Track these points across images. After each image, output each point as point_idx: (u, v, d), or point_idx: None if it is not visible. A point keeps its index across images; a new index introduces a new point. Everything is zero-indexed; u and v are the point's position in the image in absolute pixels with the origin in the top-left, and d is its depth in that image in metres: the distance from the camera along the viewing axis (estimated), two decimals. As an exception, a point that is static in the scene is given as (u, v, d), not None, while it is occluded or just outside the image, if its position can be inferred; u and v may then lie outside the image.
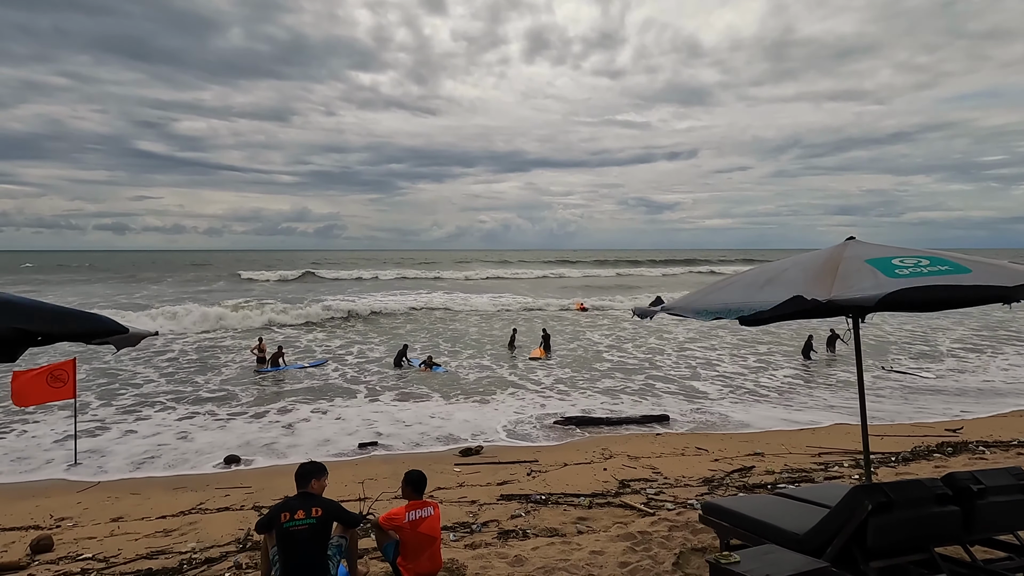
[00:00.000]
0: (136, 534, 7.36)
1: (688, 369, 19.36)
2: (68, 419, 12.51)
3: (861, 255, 4.09)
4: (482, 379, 18.00)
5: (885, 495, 3.98)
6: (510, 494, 8.29)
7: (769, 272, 4.55)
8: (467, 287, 59.31)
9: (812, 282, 3.93)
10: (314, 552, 4.40)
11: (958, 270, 3.71)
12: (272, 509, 4.57)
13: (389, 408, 14.77)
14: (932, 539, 4.22)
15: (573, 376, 18.34)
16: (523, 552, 5.87)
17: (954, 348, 22.99)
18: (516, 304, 40.29)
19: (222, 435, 12.64)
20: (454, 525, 7.03)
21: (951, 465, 8.91)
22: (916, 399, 15.05)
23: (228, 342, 25.08)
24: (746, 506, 5.08)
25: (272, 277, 72.00)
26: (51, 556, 6.71)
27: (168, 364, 20.35)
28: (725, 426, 12.88)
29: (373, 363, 20.63)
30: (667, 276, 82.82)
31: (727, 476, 8.93)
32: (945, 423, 12.37)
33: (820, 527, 4.25)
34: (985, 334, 26.31)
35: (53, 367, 11.27)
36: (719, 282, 5.14)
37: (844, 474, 8.79)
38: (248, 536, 6.81)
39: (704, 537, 5.92)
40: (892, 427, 12.07)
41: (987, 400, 14.82)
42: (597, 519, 7.14)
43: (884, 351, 21.98)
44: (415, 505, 4.78)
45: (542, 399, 15.50)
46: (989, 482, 4.28)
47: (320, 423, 13.46)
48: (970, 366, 19.61)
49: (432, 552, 4.78)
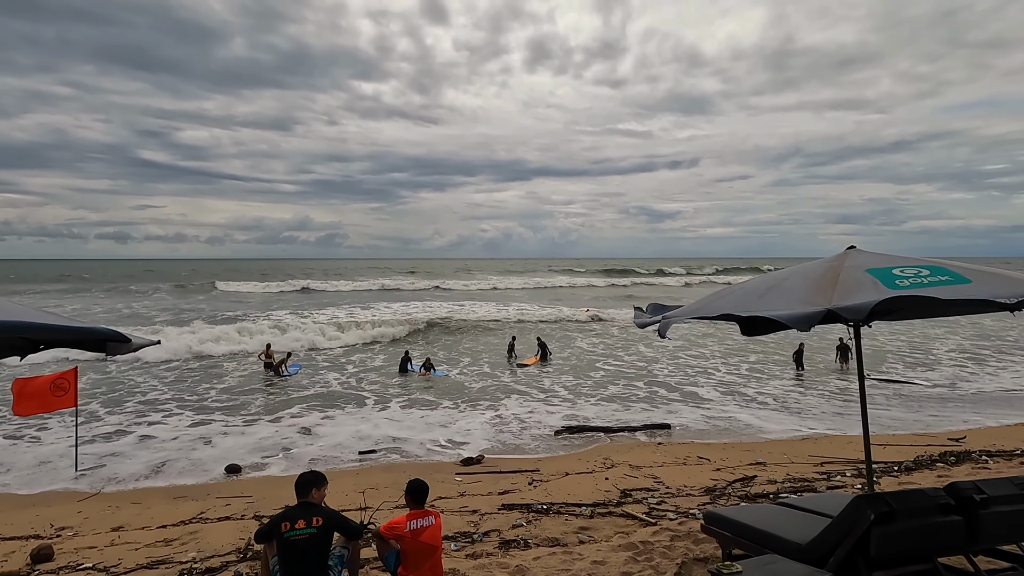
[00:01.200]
0: (137, 543, 7.33)
1: (685, 376, 19.43)
2: (69, 428, 12.50)
3: (862, 264, 4.10)
4: (487, 387, 18.03)
5: (888, 505, 3.97)
6: (511, 503, 8.26)
7: (769, 281, 4.56)
8: (472, 295, 58.67)
9: (812, 291, 3.94)
10: (315, 562, 4.39)
11: (958, 280, 3.72)
12: (272, 519, 4.57)
13: (393, 416, 14.75)
14: (935, 549, 4.20)
15: (576, 383, 18.34)
16: (524, 562, 5.85)
17: (951, 356, 22.93)
18: (525, 314, 39.49)
19: (226, 444, 12.62)
20: (455, 535, 7.00)
21: (954, 475, 8.88)
22: (919, 408, 15.00)
23: (227, 347, 25.02)
24: (748, 516, 5.07)
25: (259, 288, 67.86)
26: (51, 566, 6.68)
27: (170, 373, 20.36)
28: (733, 432, 12.82)
29: (372, 371, 20.69)
30: (669, 286, 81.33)
31: (729, 485, 8.90)
32: (948, 432, 12.33)
33: (823, 537, 4.24)
34: (982, 343, 26.25)
35: (55, 376, 11.28)
36: (720, 291, 5.16)
37: (847, 483, 8.76)
38: (249, 546, 6.79)
39: (706, 547, 5.90)
40: (895, 436, 12.03)
41: (990, 409, 14.77)
42: (599, 529, 7.11)
43: (881, 360, 21.90)
44: (416, 514, 4.77)
45: (545, 407, 15.49)
46: (992, 492, 4.27)
47: (324, 431, 13.42)
48: (967, 374, 19.55)
49: (434, 562, 4.77)
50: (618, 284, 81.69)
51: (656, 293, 64.04)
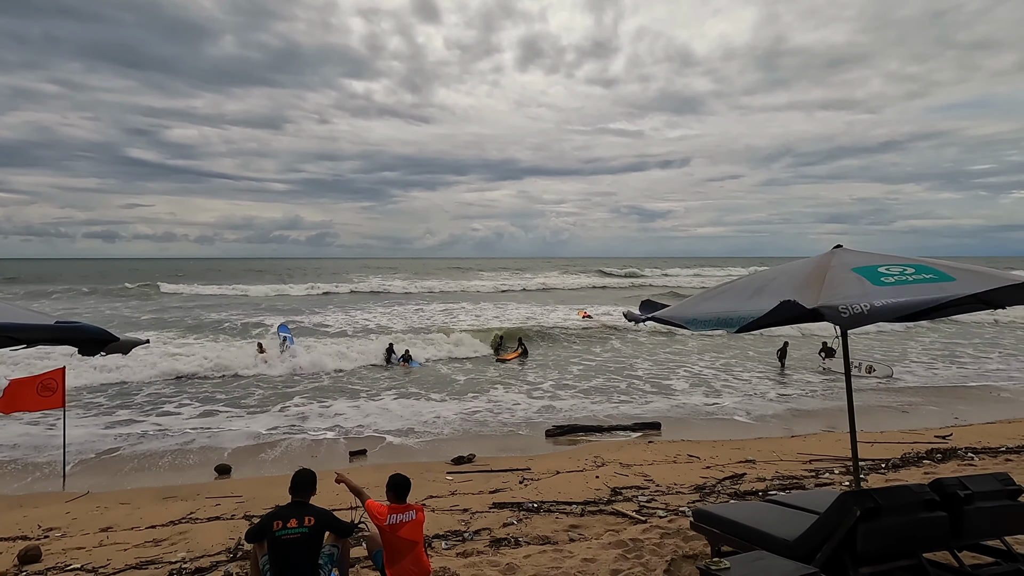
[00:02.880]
0: (125, 544, 7.28)
1: (666, 371, 19.80)
2: (57, 428, 12.38)
3: (848, 263, 4.16)
4: (471, 380, 18.23)
5: (874, 501, 4.02)
6: (502, 502, 8.28)
7: (758, 281, 4.61)
8: (471, 297, 55.95)
9: (800, 290, 3.99)
10: (306, 561, 4.40)
11: (943, 278, 3.77)
12: (264, 518, 4.57)
13: (380, 409, 15.05)
14: (920, 545, 4.26)
15: (559, 379, 18.47)
16: (515, 560, 5.87)
17: (932, 353, 23.16)
18: (519, 315, 38.03)
19: (216, 440, 12.62)
20: (446, 533, 7.01)
21: (940, 471, 8.97)
22: (907, 406, 15.14)
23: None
24: (737, 513, 5.11)
25: (297, 290, 58.62)
26: (39, 567, 6.62)
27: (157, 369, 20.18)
28: (722, 430, 12.89)
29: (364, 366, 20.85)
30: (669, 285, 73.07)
31: (719, 483, 8.95)
32: (935, 430, 12.46)
33: (810, 533, 4.28)
34: (961, 340, 26.52)
35: (43, 376, 11.16)
36: (708, 291, 5.19)
37: (834, 481, 8.83)
38: (239, 546, 6.76)
39: (695, 544, 5.94)
40: (882, 434, 12.13)
41: (976, 406, 14.94)
42: (589, 527, 7.14)
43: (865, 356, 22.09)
44: (397, 509, 4.81)
45: (536, 403, 15.61)
46: (977, 488, 4.33)
47: (313, 426, 13.41)
48: (953, 372, 19.75)
49: (414, 556, 4.79)
50: (633, 284, 75.76)
51: (652, 293, 63.24)
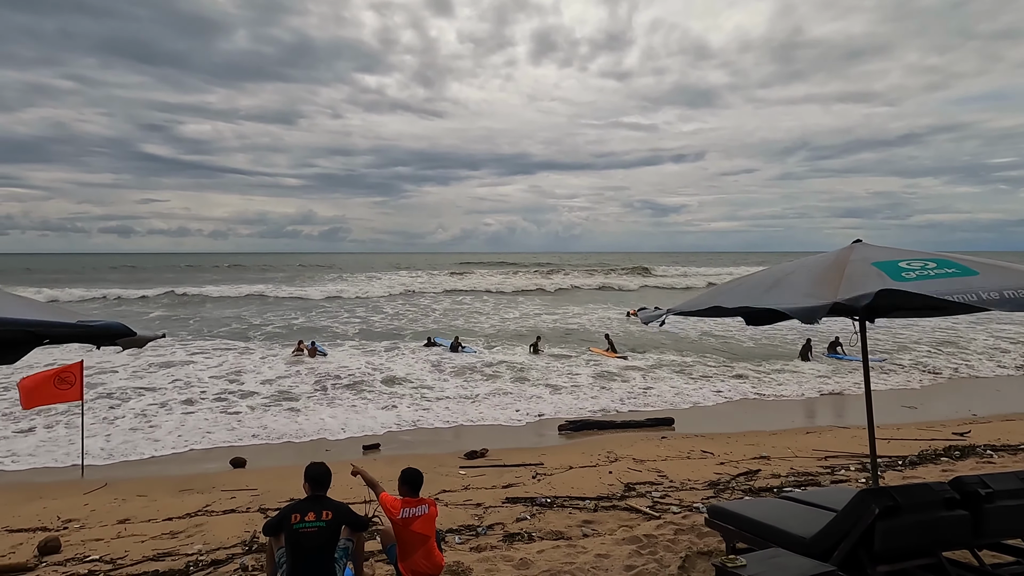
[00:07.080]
0: (143, 536, 7.38)
1: (684, 364, 19.41)
2: (76, 421, 12.57)
3: (868, 258, 4.08)
4: (493, 375, 18.22)
5: (892, 499, 3.97)
6: (515, 497, 8.28)
7: (776, 274, 4.55)
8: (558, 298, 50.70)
9: (817, 285, 3.93)
10: (323, 555, 4.42)
11: (965, 272, 3.69)
12: (282, 511, 4.59)
13: (404, 404, 15.06)
14: (940, 543, 4.20)
15: (578, 376, 18.37)
16: (528, 555, 5.87)
17: (955, 348, 22.84)
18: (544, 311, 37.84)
19: (234, 435, 12.75)
20: (459, 528, 7.03)
21: (959, 469, 8.85)
22: (923, 402, 14.96)
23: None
24: (752, 509, 5.07)
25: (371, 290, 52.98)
26: (58, 558, 6.73)
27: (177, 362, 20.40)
28: (736, 425, 12.80)
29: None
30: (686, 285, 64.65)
31: (733, 479, 8.90)
32: (952, 426, 12.29)
33: (827, 531, 4.24)
34: (986, 333, 26.12)
35: (60, 370, 11.31)
36: (724, 285, 5.15)
37: (851, 478, 8.74)
38: (254, 538, 6.83)
39: (710, 540, 5.91)
40: (899, 430, 11.99)
41: (995, 403, 14.72)
42: (602, 522, 7.12)
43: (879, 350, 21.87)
44: (410, 502, 4.84)
45: (557, 399, 15.69)
46: (997, 486, 4.26)
47: (335, 419, 13.50)
48: (973, 368, 19.48)
49: (426, 550, 4.81)
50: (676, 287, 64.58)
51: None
